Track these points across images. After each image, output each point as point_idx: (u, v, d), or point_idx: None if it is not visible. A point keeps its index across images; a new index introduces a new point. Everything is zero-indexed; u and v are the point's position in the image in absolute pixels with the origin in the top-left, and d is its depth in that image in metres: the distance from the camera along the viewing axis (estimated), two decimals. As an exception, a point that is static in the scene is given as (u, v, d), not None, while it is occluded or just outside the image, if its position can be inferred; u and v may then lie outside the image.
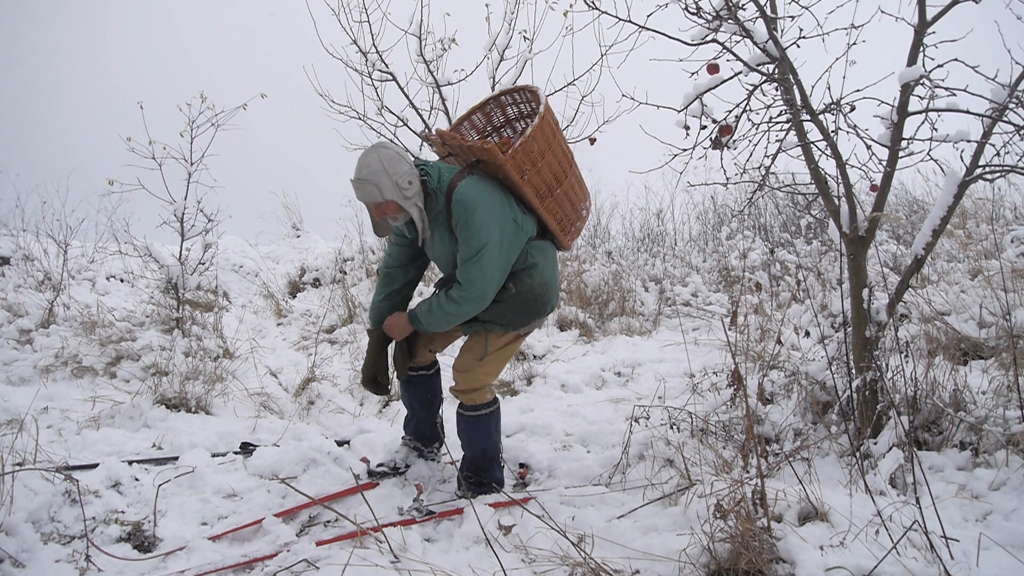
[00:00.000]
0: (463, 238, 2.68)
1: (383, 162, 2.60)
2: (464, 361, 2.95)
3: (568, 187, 2.97)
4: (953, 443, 2.89)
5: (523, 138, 2.73)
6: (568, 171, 2.95)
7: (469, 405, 2.94)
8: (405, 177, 2.62)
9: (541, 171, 2.82)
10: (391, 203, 2.66)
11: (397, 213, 2.70)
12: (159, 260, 5.19)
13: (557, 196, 2.93)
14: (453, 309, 2.75)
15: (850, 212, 3.02)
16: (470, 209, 2.65)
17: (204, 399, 4.01)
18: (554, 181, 2.89)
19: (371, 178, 2.60)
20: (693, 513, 2.55)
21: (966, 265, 5.30)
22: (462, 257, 2.70)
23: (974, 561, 2.12)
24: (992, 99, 2.80)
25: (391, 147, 2.67)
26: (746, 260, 6.65)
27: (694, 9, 3.00)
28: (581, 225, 3.14)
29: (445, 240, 2.79)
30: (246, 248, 7.99)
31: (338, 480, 3.11)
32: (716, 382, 3.87)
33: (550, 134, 2.83)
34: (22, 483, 2.59)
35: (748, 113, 3.11)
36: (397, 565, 2.41)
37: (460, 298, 2.73)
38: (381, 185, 2.59)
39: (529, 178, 2.79)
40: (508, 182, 2.81)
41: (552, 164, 2.86)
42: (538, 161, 2.79)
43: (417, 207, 2.68)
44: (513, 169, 2.73)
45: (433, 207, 2.75)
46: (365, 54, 5.06)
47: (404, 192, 2.62)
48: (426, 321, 2.85)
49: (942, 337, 3.86)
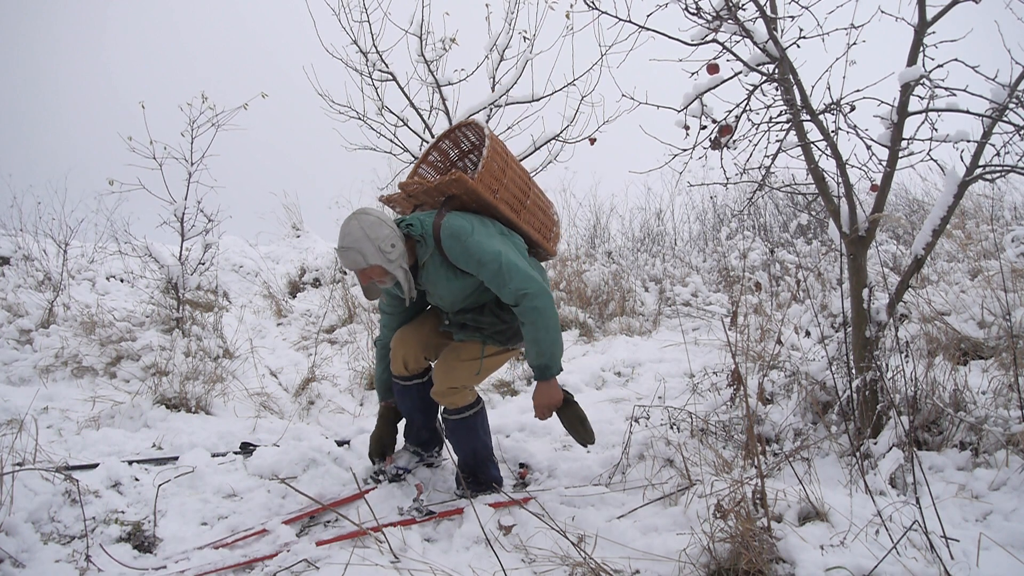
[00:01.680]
0: (476, 265, 2.68)
1: (364, 228, 2.63)
2: (447, 360, 2.92)
3: (535, 196, 3.11)
4: (953, 443, 2.89)
5: (483, 160, 2.84)
6: (529, 183, 3.10)
7: (452, 409, 2.91)
8: (388, 240, 2.65)
9: (508, 187, 2.94)
10: (376, 268, 2.68)
11: (383, 276, 2.71)
12: (159, 260, 5.20)
13: (528, 207, 3.05)
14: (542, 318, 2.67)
15: (850, 212, 3.02)
16: (462, 236, 2.68)
17: (204, 399, 4.01)
18: (521, 194, 3.02)
19: (354, 245, 2.63)
20: (693, 513, 2.56)
21: (966, 265, 5.30)
22: (492, 280, 2.68)
23: (974, 561, 2.12)
24: (992, 99, 2.80)
25: (372, 212, 2.69)
26: (746, 260, 6.65)
27: (694, 9, 3.00)
28: (557, 229, 3.24)
29: (450, 279, 2.79)
30: (246, 248, 7.99)
31: (338, 480, 3.11)
32: (716, 382, 3.87)
33: (503, 154, 2.96)
34: (22, 483, 2.59)
35: (748, 113, 3.11)
36: (397, 565, 2.42)
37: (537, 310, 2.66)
38: (364, 251, 2.63)
39: (501, 195, 2.89)
40: (483, 205, 2.86)
41: (514, 179, 2.99)
42: (502, 178, 2.91)
43: (402, 268, 2.70)
44: (485, 190, 2.82)
45: (424, 252, 2.77)
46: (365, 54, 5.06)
47: (388, 256, 2.65)
48: (553, 357, 2.74)
49: (942, 337, 3.86)
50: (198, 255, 5.11)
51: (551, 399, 2.83)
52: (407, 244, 2.76)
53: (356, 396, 4.41)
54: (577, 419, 2.90)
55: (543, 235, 3.12)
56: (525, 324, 2.71)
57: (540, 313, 2.67)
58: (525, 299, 2.66)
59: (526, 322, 2.70)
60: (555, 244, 3.21)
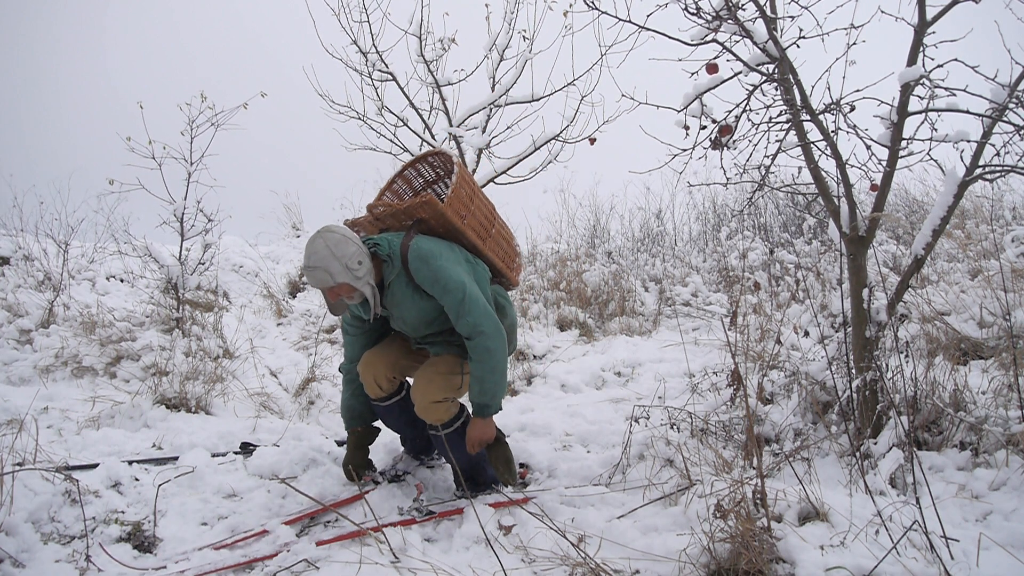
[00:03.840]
0: (440, 290, 2.69)
1: (330, 247, 2.63)
2: (426, 374, 2.88)
3: (500, 226, 3.19)
4: (953, 443, 2.89)
5: (452, 186, 2.90)
6: (494, 213, 3.18)
7: (439, 425, 2.88)
8: (354, 258, 2.65)
9: (475, 214, 3.02)
10: (343, 285, 2.68)
11: (351, 293, 2.71)
12: (159, 260, 5.20)
13: (494, 235, 3.12)
14: (492, 359, 2.70)
15: (850, 212, 3.03)
16: (430, 259, 2.69)
17: (204, 399, 4.01)
18: (487, 222, 3.10)
19: (320, 264, 2.62)
20: (693, 513, 2.55)
21: (966, 265, 5.30)
22: (452, 308, 2.70)
23: (974, 561, 2.12)
24: (992, 99, 2.80)
25: (337, 230, 2.69)
26: (746, 260, 6.65)
27: (694, 9, 3.00)
28: (520, 260, 3.30)
29: (414, 300, 2.79)
30: (246, 248, 7.98)
31: (338, 480, 3.11)
32: (716, 382, 3.87)
33: (471, 182, 3.04)
34: (22, 483, 2.59)
35: (748, 113, 3.11)
36: (397, 565, 2.42)
37: (489, 350, 2.69)
38: (331, 270, 2.62)
39: (468, 222, 2.95)
40: (450, 230, 2.90)
41: (481, 207, 3.09)
42: (470, 204, 2.99)
43: (369, 285, 2.71)
44: (453, 215, 2.87)
45: (391, 272, 2.77)
46: (365, 54, 5.06)
47: (355, 273, 2.65)
48: (494, 397, 2.77)
49: (942, 337, 3.86)
50: (198, 255, 5.11)
51: (484, 435, 2.86)
52: (373, 263, 2.76)
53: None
54: (503, 459, 2.99)
55: (506, 264, 3.18)
56: (474, 360, 2.73)
57: (490, 354, 2.69)
58: (480, 337, 2.68)
59: (475, 359, 2.72)
60: (517, 274, 3.28)
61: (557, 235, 8.44)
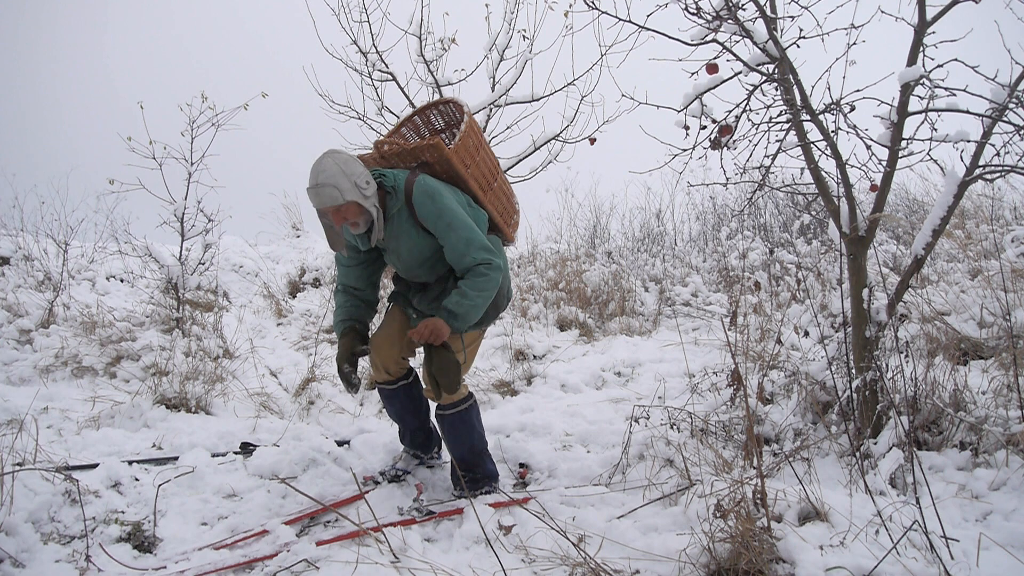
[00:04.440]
0: (444, 227, 2.71)
1: (339, 165, 2.62)
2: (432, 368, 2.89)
3: (502, 182, 3.20)
4: (953, 443, 2.89)
5: (460, 134, 2.91)
6: (497, 168, 3.18)
7: (447, 404, 2.92)
8: (363, 177, 2.66)
9: (479, 164, 3.02)
10: (351, 205, 2.65)
11: (358, 216, 2.68)
12: (159, 260, 5.20)
13: (495, 189, 3.12)
14: (483, 290, 2.69)
15: (850, 212, 3.02)
16: (435, 196, 2.71)
17: (204, 399, 4.01)
18: (490, 175, 3.10)
19: (330, 181, 2.59)
20: (693, 513, 2.55)
21: (966, 265, 5.30)
22: (453, 244, 2.71)
23: (974, 561, 2.12)
24: (992, 99, 2.80)
25: (343, 151, 2.72)
26: (746, 260, 6.65)
27: (694, 9, 3.00)
28: (517, 219, 3.30)
29: (412, 236, 2.80)
30: (246, 248, 7.98)
31: (338, 480, 3.11)
32: (716, 382, 3.87)
33: (478, 134, 3.04)
34: (22, 483, 2.59)
35: (748, 113, 3.11)
36: (397, 565, 2.42)
37: (485, 280, 2.69)
38: (341, 187, 2.60)
39: (471, 171, 2.96)
40: (453, 177, 2.90)
41: (486, 159, 3.09)
42: (475, 155, 2.99)
43: (376, 208, 2.71)
44: (458, 161, 2.87)
45: (393, 205, 2.78)
46: (365, 54, 5.06)
47: (364, 192, 2.65)
48: (463, 314, 2.71)
49: (942, 337, 3.86)
50: (198, 255, 5.11)
51: (435, 332, 2.69)
52: (381, 193, 2.77)
53: (356, 396, 4.41)
54: (441, 366, 2.72)
55: (504, 219, 3.17)
56: (466, 280, 2.69)
57: (488, 281, 2.70)
58: (484, 266, 2.68)
59: (469, 279, 2.68)
60: (514, 231, 3.28)
61: (557, 235, 8.44)
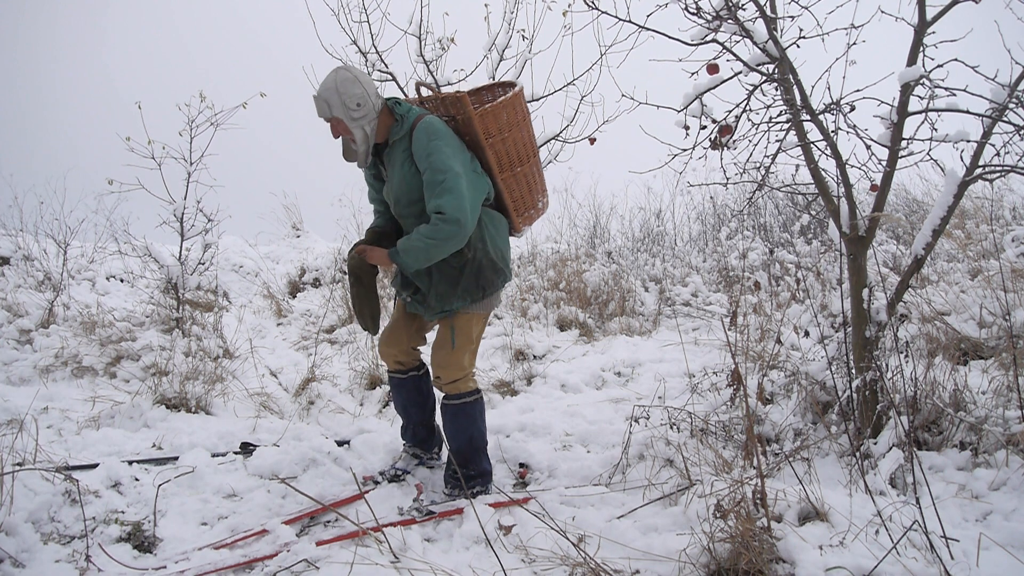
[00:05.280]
0: (426, 164, 2.72)
1: (337, 83, 2.73)
2: (439, 357, 2.96)
3: (529, 171, 3.06)
4: (953, 443, 2.89)
5: (494, 103, 2.84)
6: (532, 157, 3.06)
7: (453, 395, 2.96)
8: (354, 99, 2.73)
9: (506, 142, 2.91)
10: (340, 121, 2.76)
11: (348, 134, 2.79)
12: (159, 260, 5.20)
13: (517, 174, 3.01)
14: (432, 238, 2.69)
15: (850, 212, 3.03)
16: (432, 135, 2.73)
17: (204, 399, 4.01)
18: (516, 159, 2.98)
19: (323, 95, 2.73)
20: (693, 513, 2.56)
21: (966, 265, 5.30)
22: (429, 185, 2.72)
23: (974, 561, 2.12)
24: (992, 99, 2.80)
25: (352, 70, 2.77)
26: (746, 260, 6.65)
27: (694, 9, 3.00)
28: (536, 215, 3.19)
29: (404, 169, 2.82)
30: (246, 248, 7.99)
31: (338, 480, 3.11)
32: (716, 382, 3.87)
33: (521, 116, 2.95)
34: (22, 483, 2.59)
35: (748, 113, 3.11)
36: (397, 565, 2.42)
37: (436, 228, 2.68)
38: (331, 102, 2.73)
39: (493, 143, 2.89)
40: (474, 140, 2.88)
41: (518, 142, 2.96)
42: (505, 131, 2.89)
43: (363, 130, 2.77)
44: (479, 126, 2.83)
45: (396, 132, 2.82)
46: (365, 54, 5.05)
47: (351, 112, 2.73)
48: (404, 252, 2.75)
49: (942, 337, 3.86)
50: (198, 255, 5.11)
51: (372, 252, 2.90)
52: (386, 119, 2.82)
53: (356, 396, 4.41)
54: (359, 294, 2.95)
55: (516, 207, 3.07)
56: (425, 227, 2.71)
57: (439, 231, 2.67)
58: (440, 217, 2.67)
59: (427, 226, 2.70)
60: (524, 225, 3.16)
61: (557, 235, 8.44)
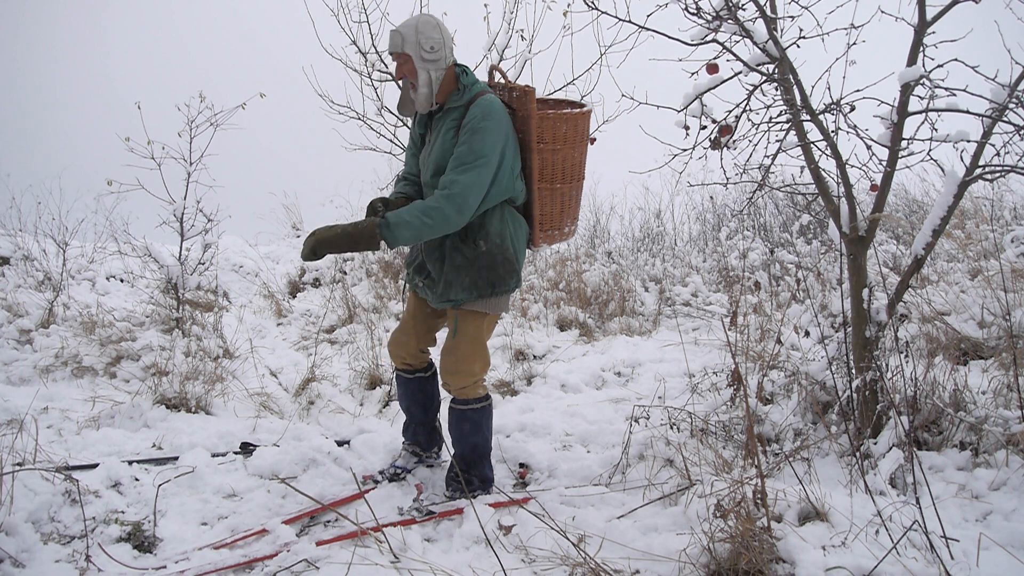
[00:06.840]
0: (467, 139, 2.68)
1: (419, 22, 2.75)
2: (447, 363, 2.91)
3: (569, 192, 2.95)
4: (953, 443, 2.89)
5: (556, 113, 2.79)
6: (575, 180, 2.95)
7: (461, 399, 2.94)
8: (430, 42, 2.73)
9: (556, 154, 2.83)
10: (409, 61, 2.74)
11: (413, 76, 2.76)
12: (159, 260, 5.19)
13: (555, 190, 2.90)
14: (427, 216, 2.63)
15: (850, 212, 3.03)
16: (488, 114, 2.69)
17: (204, 399, 4.01)
18: (560, 175, 2.89)
19: (402, 29, 2.73)
20: (693, 513, 2.56)
21: (966, 265, 5.30)
22: (457, 156, 2.68)
23: (974, 561, 2.12)
24: (992, 99, 2.80)
25: (436, 18, 2.78)
26: (746, 260, 6.65)
27: (694, 9, 3.00)
28: (558, 237, 3.06)
29: (447, 139, 2.78)
30: (246, 248, 7.98)
31: (338, 480, 3.11)
32: (716, 382, 3.87)
33: (580, 137, 2.88)
34: (22, 483, 2.59)
35: (748, 113, 3.11)
36: (397, 565, 2.42)
37: (434, 208, 2.63)
38: (406, 37, 2.72)
39: (543, 150, 2.82)
40: (524, 140, 2.83)
41: (567, 160, 2.87)
42: (559, 143, 2.82)
43: (428, 75, 2.74)
44: (535, 128, 2.78)
45: (456, 100, 2.79)
46: (364, 54, 5.06)
47: (423, 53, 2.72)
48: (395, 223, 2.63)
49: (942, 337, 3.86)
50: (198, 255, 5.11)
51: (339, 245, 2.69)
52: (450, 82, 2.79)
53: (356, 396, 4.41)
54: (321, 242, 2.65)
55: (541, 223, 2.97)
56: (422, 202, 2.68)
57: (434, 210, 2.62)
58: (445, 193, 2.63)
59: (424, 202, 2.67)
60: (542, 242, 3.05)
61: (557, 235, 8.43)
